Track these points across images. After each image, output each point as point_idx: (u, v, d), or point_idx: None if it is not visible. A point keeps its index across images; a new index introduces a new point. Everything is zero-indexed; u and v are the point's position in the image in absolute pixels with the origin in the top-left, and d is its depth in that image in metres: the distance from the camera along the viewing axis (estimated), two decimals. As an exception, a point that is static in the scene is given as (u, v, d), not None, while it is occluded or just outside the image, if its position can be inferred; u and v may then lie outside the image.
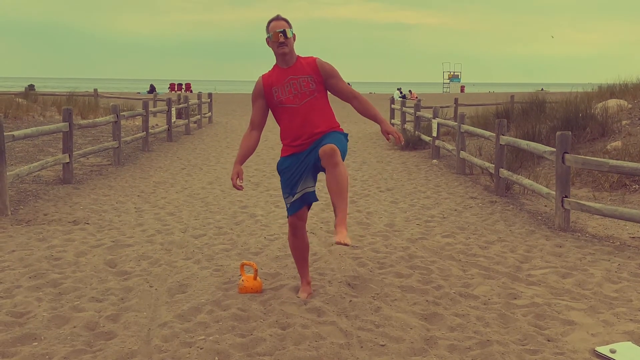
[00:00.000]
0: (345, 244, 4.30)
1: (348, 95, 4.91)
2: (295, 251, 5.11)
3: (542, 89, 50.97)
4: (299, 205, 4.91)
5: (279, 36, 4.72)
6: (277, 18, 4.82)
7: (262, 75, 4.95)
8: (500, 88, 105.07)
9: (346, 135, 4.90)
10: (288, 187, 4.91)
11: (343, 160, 4.57)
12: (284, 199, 4.97)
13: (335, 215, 4.49)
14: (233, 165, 4.96)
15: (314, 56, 4.89)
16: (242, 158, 4.94)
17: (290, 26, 4.81)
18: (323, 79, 4.82)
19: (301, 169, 4.84)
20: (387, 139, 4.71)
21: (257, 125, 4.96)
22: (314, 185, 4.91)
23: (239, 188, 4.86)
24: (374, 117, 4.89)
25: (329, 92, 4.96)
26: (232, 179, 4.87)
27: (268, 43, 4.82)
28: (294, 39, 4.84)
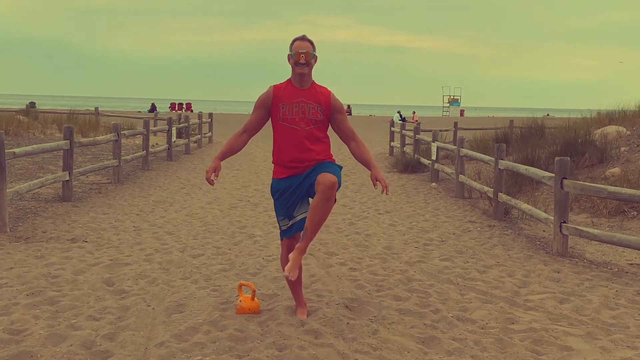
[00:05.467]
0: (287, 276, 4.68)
1: (348, 135, 4.96)
2: None
3: (547, 115, 51.08)
4: (297, 228, 4.93)
5: (300, 56, 4.77)
6: (303, 38, 4.86)
7: (274, 85, 4.95)
8: (502, 112, 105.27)
9: (341, 167, 4.95)
10: (283, 209, 4.93)
11: (337, 190, 4.71)
12: (279, 221, 5.00)
13: (302, 238, 4.68)
14: (213, 160, 5.01)
15: (328, 89, 4.93)
16: (223, 155, 5.02)
17: (314, 48, 4.83)
18: (331, 114, 4.89)
19: (297, 192, 4.86)
20: (374, 186, 4.82)
21: (250, 130, 5.02)
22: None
23: (211, 183, 4.91)
24: (367, 163, 4.98)
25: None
26: (207, 172, 4.92)
27: (289, 60, 4.86)
28: (315, 61, 4.87)
